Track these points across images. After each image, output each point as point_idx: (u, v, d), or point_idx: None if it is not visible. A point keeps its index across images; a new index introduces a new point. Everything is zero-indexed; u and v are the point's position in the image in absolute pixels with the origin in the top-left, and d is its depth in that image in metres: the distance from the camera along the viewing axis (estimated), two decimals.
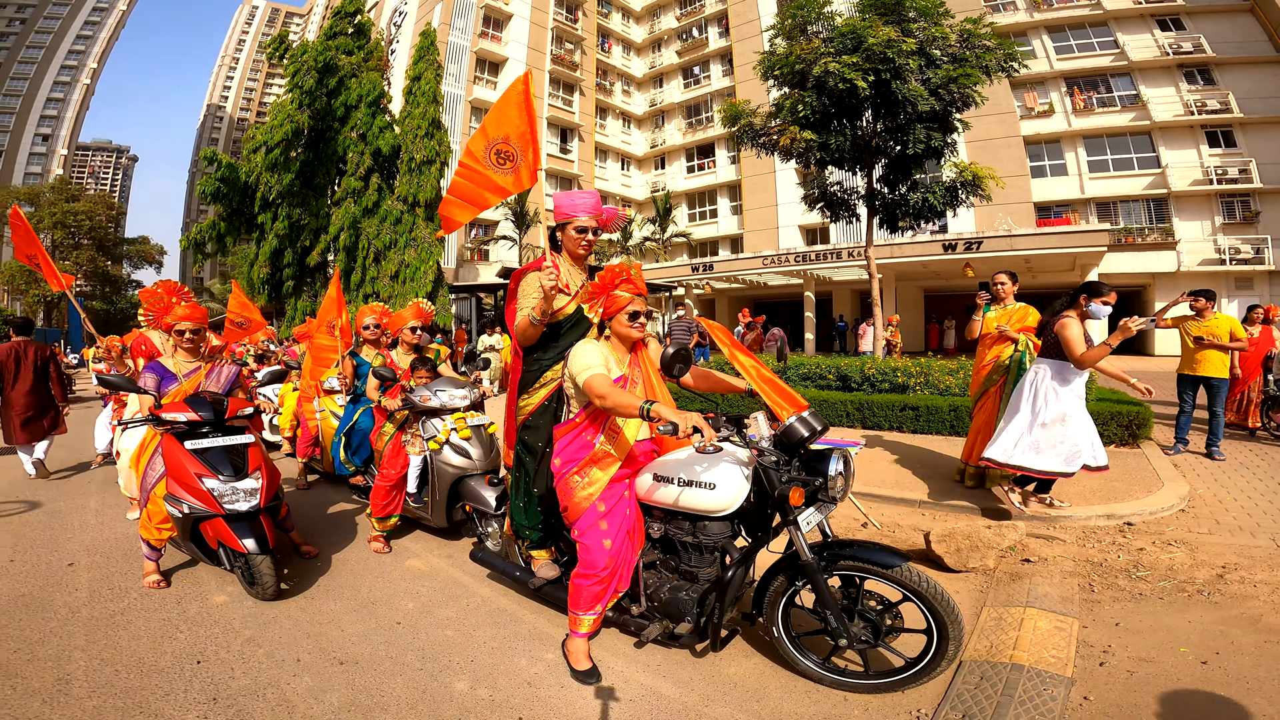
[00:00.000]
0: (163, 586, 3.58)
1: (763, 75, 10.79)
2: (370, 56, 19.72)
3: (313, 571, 3.84)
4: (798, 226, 29.02)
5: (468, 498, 3.93)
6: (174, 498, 3.36)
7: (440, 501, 4.07)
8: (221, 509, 3.28)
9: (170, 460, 3.41)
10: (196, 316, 3.85)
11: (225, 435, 3.54)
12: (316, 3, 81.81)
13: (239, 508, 3.31)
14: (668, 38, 36.99)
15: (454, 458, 4.02)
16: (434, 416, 4.13)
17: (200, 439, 3.47)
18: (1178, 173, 22.69)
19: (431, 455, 4.07)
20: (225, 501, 3.29)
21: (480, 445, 4.09)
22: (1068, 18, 24.95)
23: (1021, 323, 5.01)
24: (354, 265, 18.02)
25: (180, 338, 3.81)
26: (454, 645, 2.92)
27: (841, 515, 4.74)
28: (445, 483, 4.03)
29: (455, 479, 4.01)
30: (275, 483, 3.68)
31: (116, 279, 51.62)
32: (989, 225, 22.21)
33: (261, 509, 3.43)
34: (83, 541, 4.43)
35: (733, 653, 2.80)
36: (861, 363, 8.69)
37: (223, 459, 3.42)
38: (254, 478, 3.45)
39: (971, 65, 9.50)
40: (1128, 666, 2.61)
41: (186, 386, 3.76)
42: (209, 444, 3.45)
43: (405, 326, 4.66)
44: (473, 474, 4.00)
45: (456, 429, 4.07)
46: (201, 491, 3.28)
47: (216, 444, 3.46)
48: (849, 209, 11.80)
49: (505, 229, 27.79)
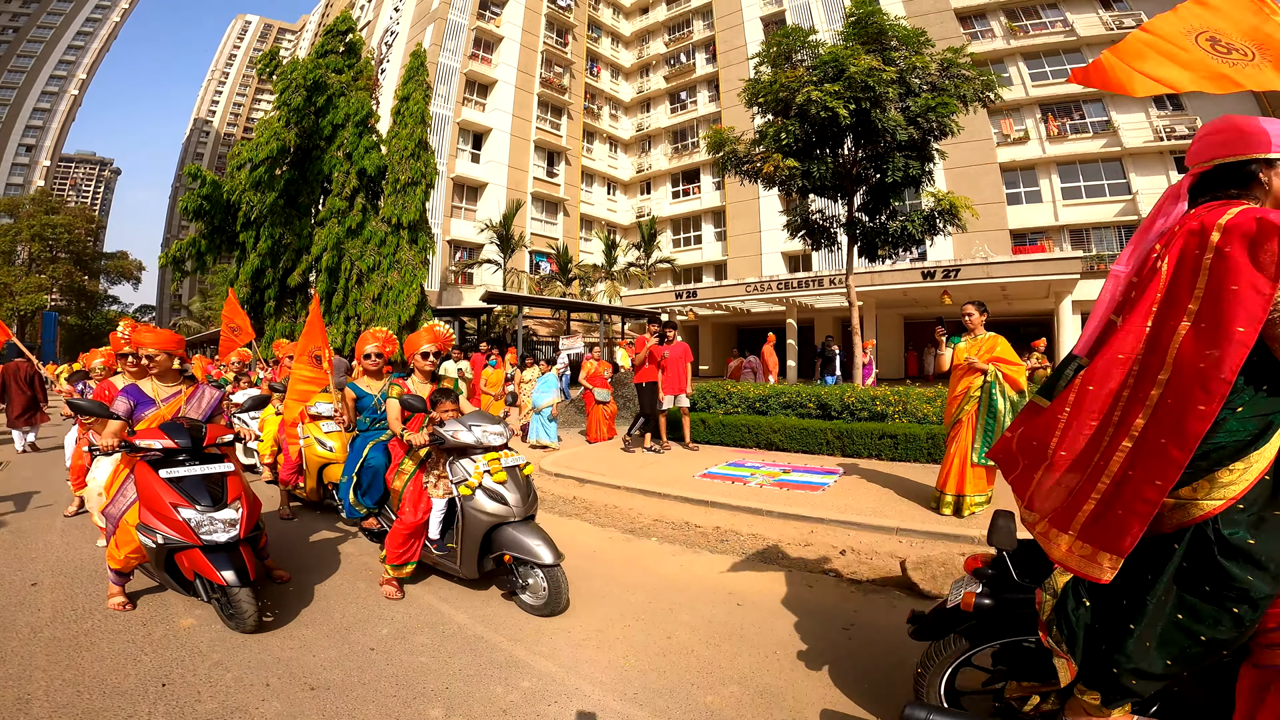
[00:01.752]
0: (128, 609, 3.48)
1: (747, 102, 11.00)
2: (360, 75, 19.81)
3: (290, 599, 3.73)
4: (781, 253, 29.36)
5: (508, 547, 3.53)
6: (147, 527, 3.21)
7: (471, 551, 3.63)
8: (199, 540, 3.15)
9: (144, 489, 3.26)
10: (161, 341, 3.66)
11: (203, 463, 3.42)
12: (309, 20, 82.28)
13: (217, 538, 3.18)
14: (656, 63, 37.63)
15: (488, 504, 3.57)
16: (463, 455, 3.72)
17: (176, 467, 3.33)
18: (1147, 199, 23.19)
19: (462, 501, 3.62)
20: (203, 532, 3.16)
21: (518, 489, 3.66)
22: (1043, 44, 25.68)
23: (990, 353, 5.10)
24: (336, 287, 17.87)
25: (151, 363, 3.63)
26: (428, 672, 2.88)
27: (821, 543, 4.77)
28: (477, 532, 3.59)
29: (490, 527, 3.58)
30: (256, 512, 3.54)
31: (93, 294, 50.90)
32: (966, 253, 22.61)
33: (241, 539, 3.29)
34: (48, 561, 4.33)
35: None
36: (841, 391, 8.77)
37: (200, 488, 3.29)
38: (233, 508, 3.32)
39: (950, 95, 9.73)
40: None
41: (165, 411, 3.61)
42: (186, 472, 3.32)
43: (417, 352, 4.27)
44: (510, 521, 3.58)
45: (490, 470, 3.62)
46: (177, 522, 3.15)
47: (194, 472, 3.34)
48: (830, 237, 11.97)
49: (490, 253, 27.85)
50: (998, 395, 4.98)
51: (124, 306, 58.38)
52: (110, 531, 3.45)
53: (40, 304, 41.44)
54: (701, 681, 2.80)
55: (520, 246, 27.83)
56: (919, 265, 20.94)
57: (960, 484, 5.10)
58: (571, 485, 7.06)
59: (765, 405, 9.10)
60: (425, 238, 18.87)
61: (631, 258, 31.63)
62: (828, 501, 5.73)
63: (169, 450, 3.33)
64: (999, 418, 4.97)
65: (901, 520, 5.07)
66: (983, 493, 5.14)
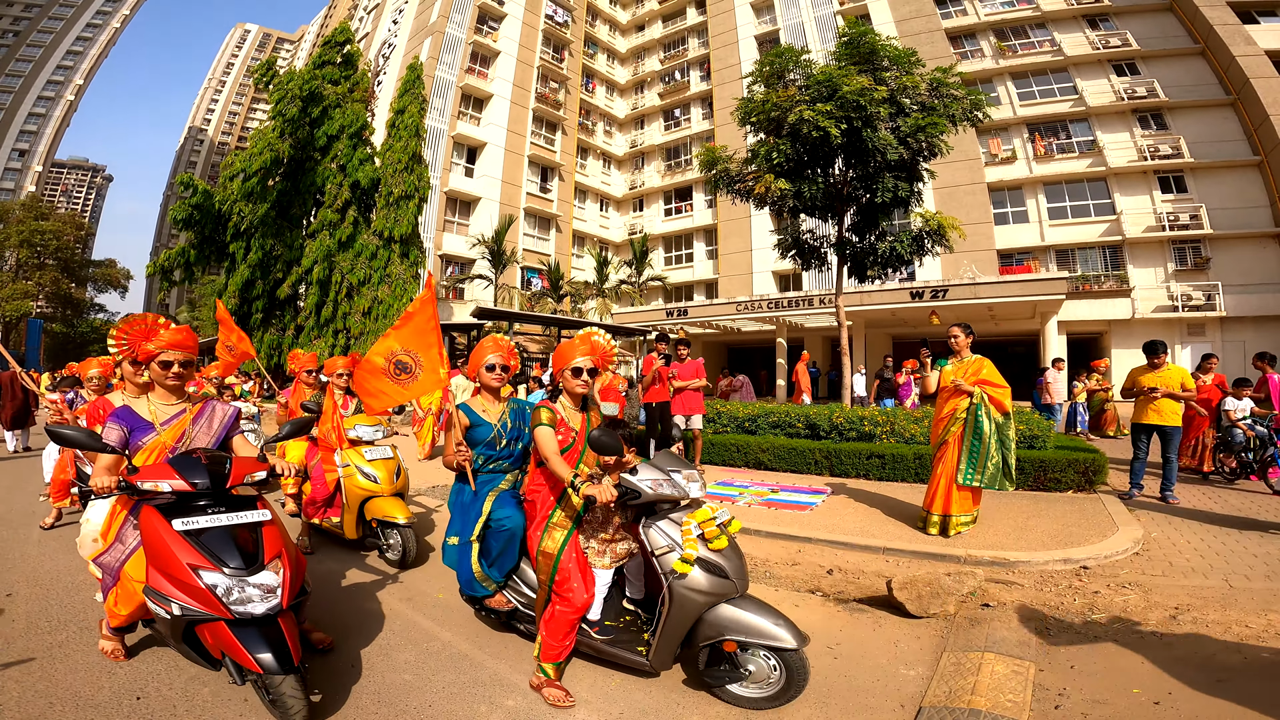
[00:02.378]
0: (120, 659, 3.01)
1: (740, 121, 11.10)
2: (356, 87, 19.89)
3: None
4: (771, 272, 29.55)
5: (729, 630, 2.64)
6: (158, 594, 2.46)
7: (674, 639, 2.72)
8: (229, 613, 2.40)
9: (153, 544, 2.51)
10: (188, 344, 2.94)
11: (229, 509, 2.65)
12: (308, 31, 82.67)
13: (253, 610, 2.43)
14: (651, 80, 38.03)
15: (704, 580, 2.67)
16: (653, 513, 2.82)
17: (194, 515, 2.56)
18: (1132, 219, 23.56)
19: (672, 580, 2.67)
20: (233, 603, 2.41)
21: (737, 556, 2.79)
22: (1031, 64, 26.13)
23: (976, 375, 5.15)
24: (326, 300, 17.81)
25: (165, 372, 2.89)
26: (410, 689, 2.85)
27: (808, 562, 4.77)
28: (689, 617, 2.67)
29: (706, 607, 2.68)
30: (301, 574, 2.74)
31: (79, 302, 50.52)
32: (955, 273, 22.85)
33: (283, 610, 2.53)
34: (23, 572, 4.26)
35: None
36: (830, 411, 8.80)
37: (227, 543, 2.53)
38: (273, 569, 2.54)
39: (939, 114, 9.83)
40: (1082, 709, 2.65)
41: (166, 438, 2.87)
42: (208, 523, 2.55)
43: (568, 368, 3.13)
44: (732, 597, 2.72)
45: (705, 535, 2.72)
46: (198, 589, 2.40)
47: (219, 523, 2.56)
48: (820, 257, 12.05)
49: (481, 268, 27.88)
50: (983, 417, 5.03)
51: (110, 315, 57.89)
52: (108, 584, 2.82)
53: (26, 311, 41.02)
54: (686, 701, 2.78)
55: (512, 262, 27.85)
56: (907, 285, 21.14)
57: (946, 504, 5.12)
58: None
59: (754, 425, 9.11)
60: (417, 252, 18.87)
61: (623, 275, 31.71)
62: (815, 521, 5.73)
63: (183, 494, 2.59)
64: (984, 439, 5.02)
65: (888, 540, 5.08)
66: (968, 513, 5.18)
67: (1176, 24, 24.63)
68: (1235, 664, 3.00)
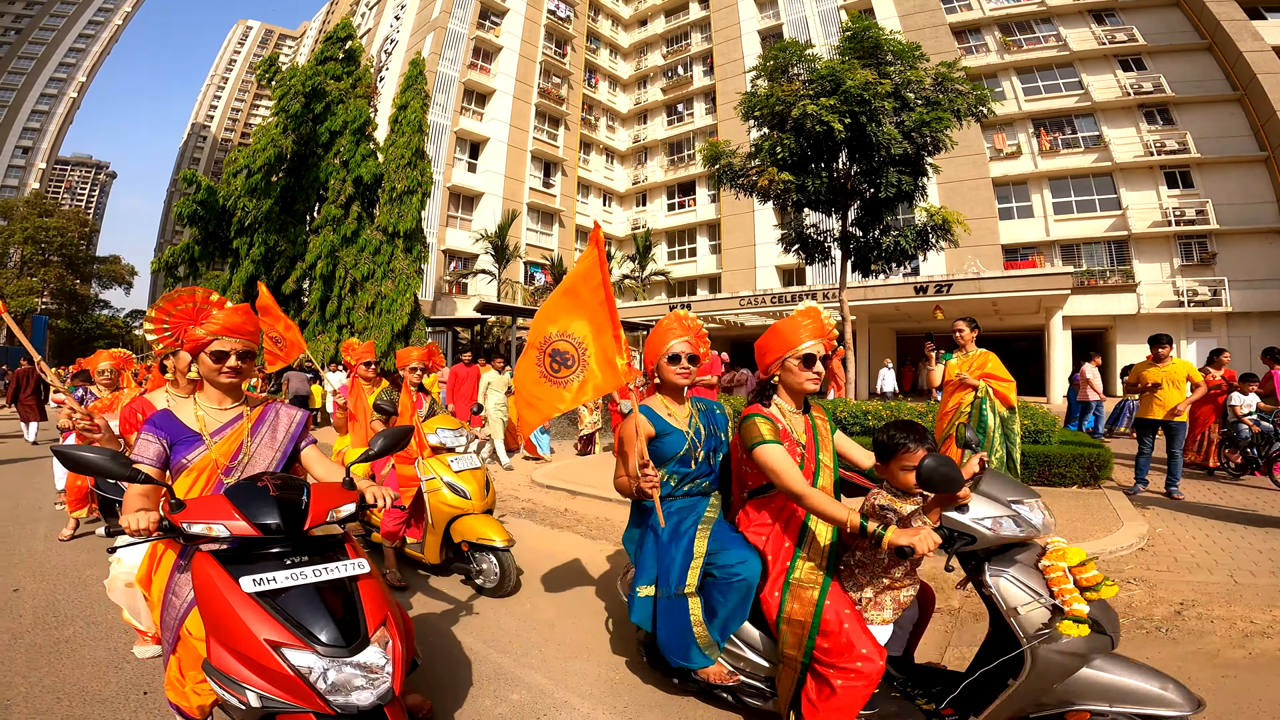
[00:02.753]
0: None
1: (743, 115, 11.07)
2: (358, 83, 19.87)
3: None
4: (775, 267, 29.51)
5: (1093, 697, 1.97)
6: (226, 676, 1.76)
7: (1007, 713, 2.05)
8: (327, 705, 1.74)
9: (215, 610, 1.80)
10: (247, 328, 2.23)
11: (312, 559, 1.93)
12: (310, 27, 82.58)
13: (358, 702, 1.76)
14: (653, 75, 37.92)
15: (1079, 641, 1.96)
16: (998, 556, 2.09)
17: (267, 568, 1.85)
18: (1138, 214, 23.47)
19: (1039, 645, 1.95)
20: (332, 694, 1.73)
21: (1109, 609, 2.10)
22: (1036, 59, 26.00)
23: (981, 369, 5.12)
24: (330, 295, 17.85)
25: (219, 366, 2.16)
26: (413, 683, 2.85)
27: None
28: (1048, 684, 1.98)
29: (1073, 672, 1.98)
30: (410, 645, 2.07)
31: (84, 298, 50.74)
32: (959, 268, 22.78)
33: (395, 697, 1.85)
34: (30, 567, 4.28)
35: None
36: (834, 405, 8.78)
37: (316, 608, 1.83)
38: (379, 644, 1.85)
39: (944, 109, 9.79)
40: None
41: (218, 454, 2.15)
42: (288, 581, 1.84)
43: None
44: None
45: (1082, 585, 1.98)
46: (282, 674, 1.72)
47: (302, 582, 1.86)
48: (824, 251, 12.04)
49: (485, 263, 27.89)
50: (988, 411, 5.01)
51: (115, 311, 58.17)
52: (169, 647, 2.00)
53: (31, 307, 41.20)
54: (694, 697, 2.77)
55: (515, 257, 27.85)
56: (911, 280, 21.11)
57: None
58: (563, 498, 7.04)
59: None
60: (420, 247, 18.87)
61: (626, 270, 31.70)
62: None
63: (247, 540, 1.88)
64: (989, 434, 5.00)
65: None
66: None
67: (1183, 19, 24.48)
68: (1240, 660, 3.00)
